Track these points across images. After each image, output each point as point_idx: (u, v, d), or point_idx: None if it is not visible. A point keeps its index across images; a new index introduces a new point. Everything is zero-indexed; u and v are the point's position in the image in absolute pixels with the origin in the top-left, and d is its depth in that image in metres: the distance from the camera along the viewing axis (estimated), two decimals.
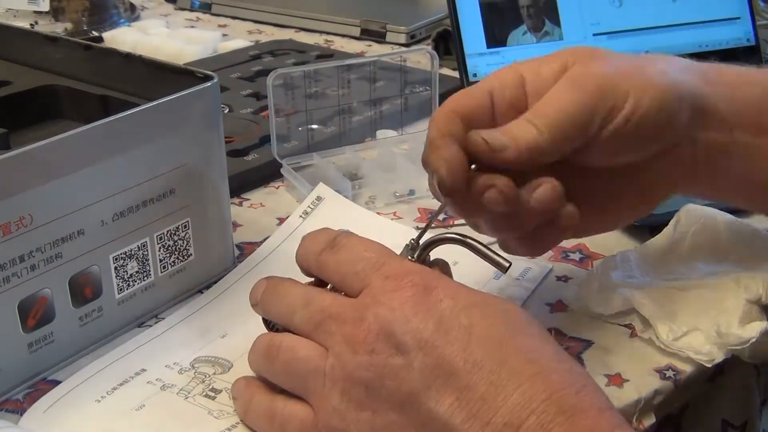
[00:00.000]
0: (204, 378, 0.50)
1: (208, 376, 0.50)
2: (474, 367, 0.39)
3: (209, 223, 0.58)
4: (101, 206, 0.50)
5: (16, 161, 0.45)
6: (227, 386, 0.49)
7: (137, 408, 0.48)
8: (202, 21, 1.24)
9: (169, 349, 0.53)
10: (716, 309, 0.53)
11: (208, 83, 0.55)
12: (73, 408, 0.48)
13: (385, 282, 0.43)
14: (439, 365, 0.40)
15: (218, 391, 0.49)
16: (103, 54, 0.63)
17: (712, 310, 0.53)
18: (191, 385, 0.50)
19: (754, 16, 0.90)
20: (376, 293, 0.43)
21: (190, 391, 0.49)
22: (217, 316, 0.56)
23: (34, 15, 1.12)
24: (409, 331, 0.41)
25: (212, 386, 0.50)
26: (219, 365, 0.51)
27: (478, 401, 0.39)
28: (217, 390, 0.49)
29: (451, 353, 0.40)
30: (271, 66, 0.97)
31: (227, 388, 0.49)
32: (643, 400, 0.50)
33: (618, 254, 0.59)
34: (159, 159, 0.53)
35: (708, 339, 0.52)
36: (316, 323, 0.44)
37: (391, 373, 0.41)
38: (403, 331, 0.41)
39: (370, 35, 1.15)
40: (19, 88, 0.62)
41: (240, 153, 0.76)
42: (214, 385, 0.50)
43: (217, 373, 0.51)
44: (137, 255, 0.53)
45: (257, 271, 0.60)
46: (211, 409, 0.48)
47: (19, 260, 0.47)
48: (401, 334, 0.41)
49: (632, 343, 0.54)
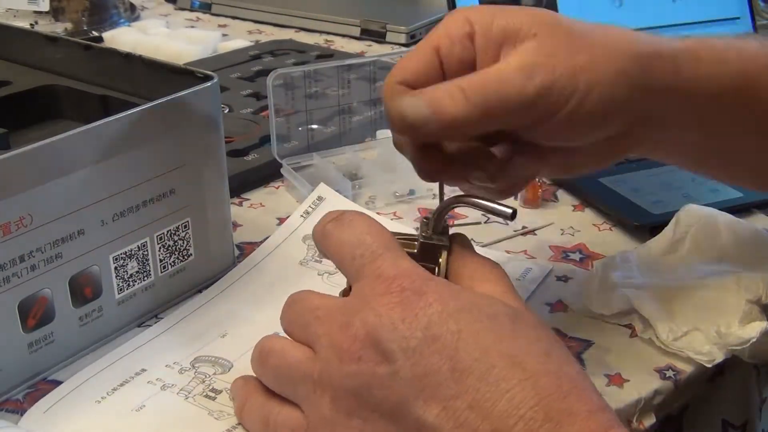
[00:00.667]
0: (204, 378, 0.50)
1: (208, 376, 0.50)
2: (462, 375, 0.38)
3: (209, 223, 0.58)
4: (101, 206, 0.50)
5: (16, 161, 0.45)
6: (227, 387, 0.49)
7: (137, 409, 0.48)
8: (202, 21, 1.24)
9: (169, 348, 0.53)
10: (716, 309, 0.53)
11: (208, 83, 0.55)
12: (73, 408, 0.48)
13: (376, 283, 0.42)
14: (427, 374, 0.39)
15: (218, 392, 0.49)
16: (103, 54, 0.63)
17: (712, 310, 0.53)
18: (191, 385, 0.50)
19: (754, 16, 0.90)
20: (365, 295, 0.42)
21: (190, 391, 0.49)
22: (217, 316, 0.56)
23: (34, 15, 1.13)
24: (395, 339, 0.40)
25: (212, 386, 0.50)
26: (219, 365, 0.51)
27: (466, 410, 0.38)
28: (217, 390, 0.49)
29: (439, 361, 0.39)
30: (271, 66, 0.97)
31: (227, 389, 0.49)
32: (644, 400, 0.50)
33: (618, 254, 0.59)
34: (159, 159, 0.53)
35: (708, 339, 0.52)
36: (304, 324, 0.44)
37: (378, 382, 0.40)
38: (389, 339, 0.40)
39: (370, 35, 1.15)
40: (19, 88, 0.62)
41: (240, 153, 0.76)
42: (214, 385, 0.50)
43: (217, 373, 0.51)
44: (137, 255, 0.53)
45: (257, 271, 0.60)
46: (212, 410, 0.48)
47: (19, 260, 0.47)
48: (388, 342, 0.40)
49: (632, 343, 0.54)
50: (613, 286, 0.55)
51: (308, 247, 0.62)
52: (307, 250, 0.62)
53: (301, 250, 0.62)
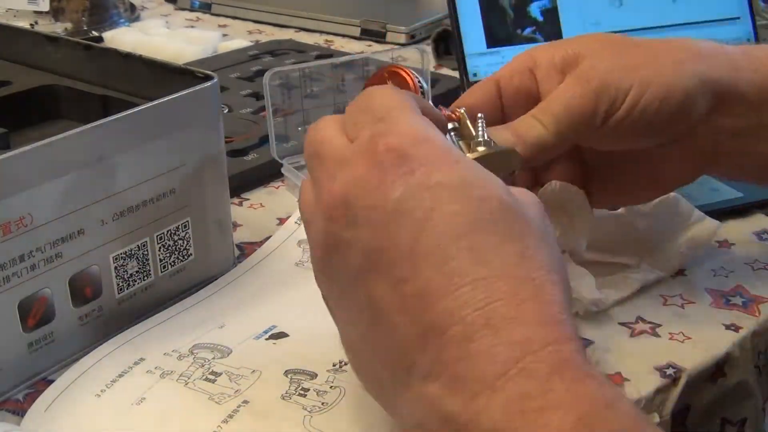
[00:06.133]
0: (203, 362, 0.50)
1: (207, 361, 0.50)
2: (418, 259, 0.36)
3: (209, 223, 0.58)
4: (101, 206, 0.50)
5: (16, 161, 0.45)
6: (227, 369, 0.49)
7: (138, 402, 0.48)
8: (202, 21, 1.24)
9: (168, 337, 0.53)
10: None
11: (208, 83, 0.55)
12: (73, 405, 0.48)
13: (371, 140, 0.38)
14: (384, 249, 0.37)
15: (218, 374, 0.49)
16: (103, 54, 0.63)
17: None
18: (191, 370, 0.50)
19: (754, 16, 0.90)
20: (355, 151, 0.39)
21: (189, 376, 0.49)
22: (215, 310, 0.56)
23: (34, 15, 1.13)
24: (365, 207, 0.37)
25: (212, 369, 0.50)
26: (218, 351, 0.51)
27: (411, 297, 0.36)
28: (217, 373, 0.49)
29: (398, 239, 0.36)
30: (271, 66, 0.97)
31: (227, 371, 0.49)
32: (644, 399, 0.50)
33: None
34: (159, 159, 0.53)
35: None
36: (309, 154, 0.42)
37: (339, 247, 0.38)
38: (358, 205, 0.37)
39: (370, 35, 1.15)
40: (19, 88, 0.62)
41: (240, 153, 0.76)
42: (213, 368, 0.50)
43: (216, 358, 0.51)
44: (137, 255, 0.53)
45: (254, 271, 0.60)
46: (212, 394, 0.48)
47: (19, 260, 0.47)
48: (356, 207, 0.37)
49: (632, 342, 0.54)
50: None
51: (303, 251, 0.63)
52: (303, 252, 0.62)
53: (297, 252, 0.63)
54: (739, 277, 0.60)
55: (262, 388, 0.48)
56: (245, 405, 0.47)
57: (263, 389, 0.48)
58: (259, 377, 0.49)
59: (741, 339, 0.55)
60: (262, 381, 0.49)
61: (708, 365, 0.53)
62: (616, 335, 0.54)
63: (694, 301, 0.58)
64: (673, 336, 0.54)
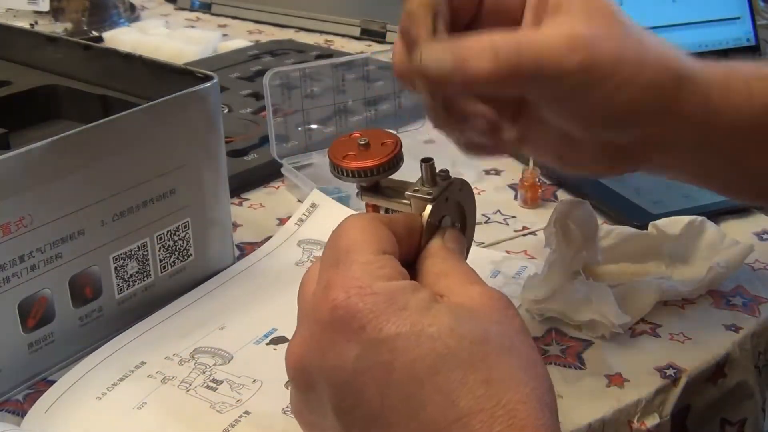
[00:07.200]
0: (204, 369, 0.50)
1: (208, 367, 0.50)
2: (390, 414, 0.36)
3: (209, 223, 0.58)
4: (101, 206, 0.50)
5: (16, 161, 0.45)
6: (228, 377, 0.49)
7: (139, 406, 0.48)
8: (202, 21, 1.24)
9: (168, 339, 0.53)
10: None
11: (208, 83, 0.55)
12: (74, 407, 0.48)
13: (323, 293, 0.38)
14: (353, 407, 0.36)
15: (219, 382, 0.49)
16: (103, 54, 0.63)
17: None
18: (192, 376, 0.50)
19: (754, 16, 0.90)
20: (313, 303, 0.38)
21: (191, 382, 0.49)
22: (214, 308, 0.56)
23: (34, 15, 1.12)
24: (323, 369, 0.37)
25: (213, 377, 0.50)
26: (219, 356, 0.51)
27: None
28: (218, 381, 0.49)
29: (367, 397, 0.36)
30: (271, 66, 0.97)
31: (228, 379, 0.49)
32: (644, 400, 0.50)
33: None
34: (159, 159, 0.53)
35: None
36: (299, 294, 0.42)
37: (307, 409, 0.39)
38: (315, 371, 0.37)
39: (370, 35, 1.15)
40: (19, 88, 0.62)
41: (240, 153, 0.76)
42: (215, 376, 0.50)
43: (217, 364, 0.51)
44: (137, 255, 0.53)
45: (254, 269, 0.60)
46: (213, 402, 0.48)
47: (19, 260, 0.47)
48: (314, 374, 0.37)
49: (632, 342, 0.54)
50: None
51: (303, 251, 0.63)
52: (302, 252, 0.62)
53: (297, 252, 0.63)
54: (739, 278, 0.60)
55: (264, 400, 0.48)
56: (246, 416, 0.47)
57: (264, 401, 0.48)
58: (260, 388, 0.49)
59: (741, 339, 0.55)
60: (263, 393, 0.49)
61: (708, 366, 0.53)
62: (616, 335, 0.54)
63: (694, 301, 0.58)
64: (674, 336, 0.55)
